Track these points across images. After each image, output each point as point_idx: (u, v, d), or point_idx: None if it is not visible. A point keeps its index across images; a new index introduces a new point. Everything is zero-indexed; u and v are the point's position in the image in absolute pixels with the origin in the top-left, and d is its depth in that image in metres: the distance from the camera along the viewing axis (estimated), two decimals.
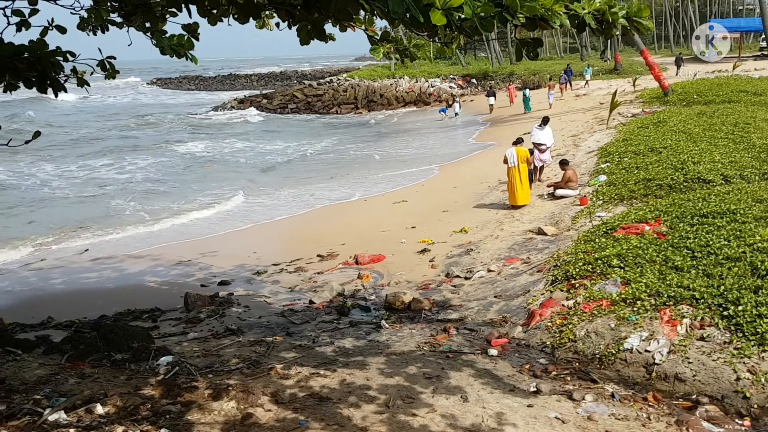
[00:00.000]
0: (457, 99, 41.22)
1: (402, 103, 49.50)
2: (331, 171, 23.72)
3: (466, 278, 9.85)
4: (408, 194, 17.01)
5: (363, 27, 6.01)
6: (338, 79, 59.38)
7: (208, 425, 4.80)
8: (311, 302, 9.52)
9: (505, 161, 14.05)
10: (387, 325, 7.88)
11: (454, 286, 9.58)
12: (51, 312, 9.27)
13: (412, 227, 13.52)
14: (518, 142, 14.72)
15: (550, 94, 34.32)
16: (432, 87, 51.39)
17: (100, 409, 4.93)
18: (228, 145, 32.77)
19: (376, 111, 48.15)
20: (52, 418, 4.75)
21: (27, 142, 4.99)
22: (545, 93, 35.73)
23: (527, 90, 38.28)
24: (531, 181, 14.59)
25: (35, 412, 4.91)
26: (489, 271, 9.96)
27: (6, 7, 5.35)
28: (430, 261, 11.20)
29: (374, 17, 5.76)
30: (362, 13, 5.33)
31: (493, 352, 6.68)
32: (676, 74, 38.50)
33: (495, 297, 8.68)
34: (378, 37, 6.10)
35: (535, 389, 5.70)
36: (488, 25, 4.13)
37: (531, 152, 14.97)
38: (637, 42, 31.18)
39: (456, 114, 38.33)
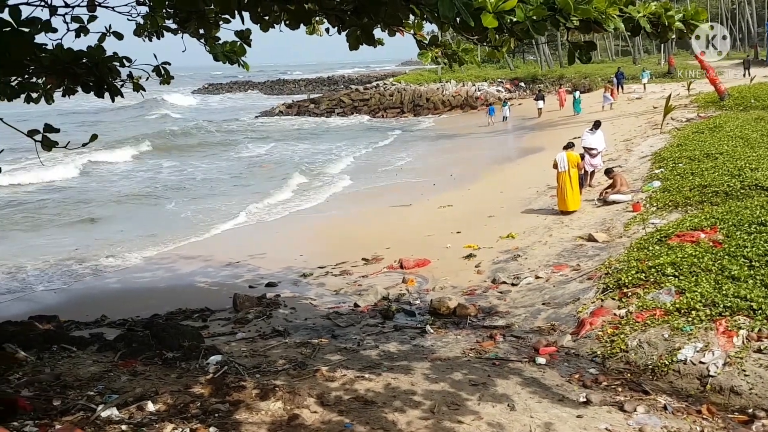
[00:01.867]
0: (507, 103, 40.77)
1: (448, 107, 49.29)
2: (376, 174, 23.81)
3: (512, 284, 9.72)
4: (453, 199, 16.90)
5: (412, 31, 6.01)
6: (384, 84, 59.57)
7: (255, 425, 4.86)
8: (356, 305, 9.56)
9: (555, 166, 13.83)
10: (432, 330, 7.85)
11: (501, 293, 9.46)
12: (105, 310, 9.56)
13: (458, 232, 13.42)
14: (569, 146, 14.46)
15: (606, 97, 33.53)
16: (479, 91, 51.02)
17: (151, 407, 5.06)
18: (278, 147, 33.37)
19: (422, 115, 48.09)
20: (104, 414, 4.88)
21: (84, 145, 5.15)
22: (596, 96, 35.02)
23: (578, 92, 37.71)
24: (581, 186, 14.31)
25: (88, 408, 5.06)
26: (537, 277, 9.80)
27: (66, 13, 5.53)
28: (475, 266, 11.09)
29: (423, 21, 5.75)
30: (411, 17, 5.33)
31: (541, 360, 6.57)
32: (744, 76, 37.22)
33: (543, 304, 8.54)
34: (426, 42, 6.10)
35: (584, 399, 5.59)
36: (540, 28, 4.07)
37: (582, 157, 14.68)
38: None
39: (505, 118, 37.93)
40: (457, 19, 3.75)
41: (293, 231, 15.57)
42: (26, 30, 4.75)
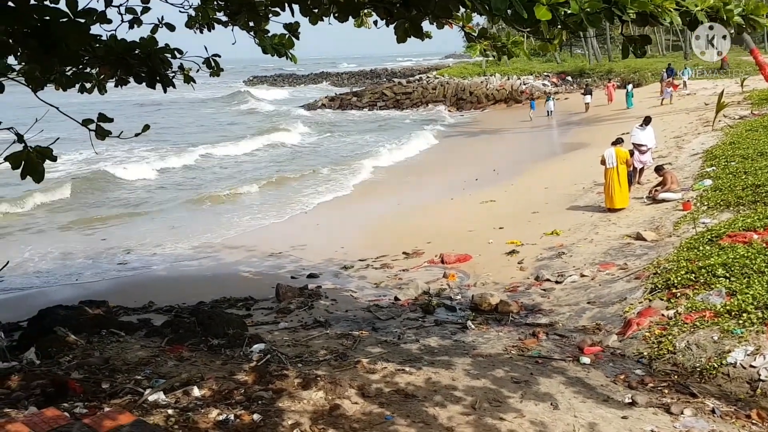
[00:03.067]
0: (551, 97, 40.06)
1: (492, 101, 48.74)
2: (417, 168, 23.75)
3: (557, 282, 9.57)
4: (496, 194, 16.72)
5: (460, 24, 5.94)
6: (427, 77, 59.31)
7: (297, 413, 4.91)
8: (396, 299, 9.56)
9: (603, 162, 13.54)
10: (473, 326, 7.80)
11: (544, 290, 9.34)
12: (152, 297, 9.80)
13: (500, 228, 13.28)
14: (618, 142, 14.13)
15: (667, 91, 32.64)
16: (524, 85, 50.31)
17: (196, 392, 5.16)
18: (319, 138, 33.67)
19: (464, 109, 47.70)
20: (152, 398, 5.00)
21: (137, 135, 5.26)
22: (645, 91, 34.18)
23: (630, 86, 36.95)
24: (630, 183, 13.97)
25: (136, 391, 5.19)
26: (582, 276, 9.63)
27: (120, 5, 5.65)
28: (518, 263, 10.97)
29: (473, 14, 5.67)
30: (461, 9, 5.27)
31: (586, 360, 6.47)
32: None
33: (588, 303, 8.39)
34: (475, 34, 6.02)
35: (630, 401, 5.49)
36: (595, 21, 3.98)
37: (631, 153, 14.33)
38: (746, 40, 29.24)
39: (549, 112, 37.32)
40: (509, 11, 3.69)
41: (334, 223, 15.66)
42: (82, 21, 4.88)
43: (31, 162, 3.75)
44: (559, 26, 4.64)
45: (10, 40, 4.21)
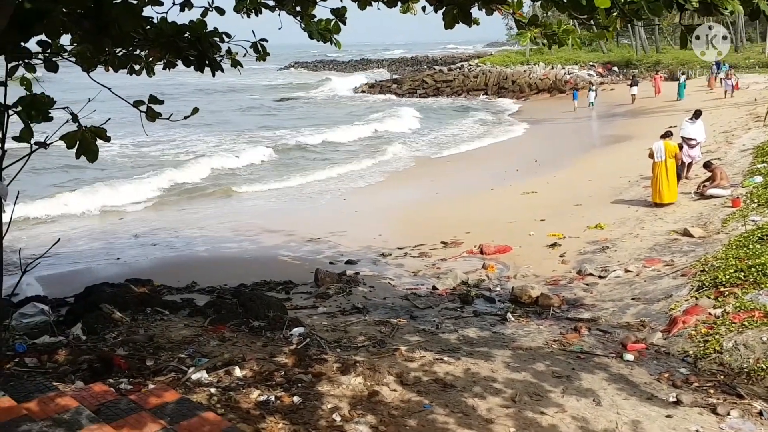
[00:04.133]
0: (593, 87, 39.21)
1: (535, 91, 48.02)
2: (456, 157, 23.59)
3: (600, 277, 9.40)
4: (538, 185, 16.49)
5: (510, 10, 5.83)
6: (469, 65, 58.69)
7: (336, 397, 4.94)
8: (434, 288, 9.52)
9: (651, 155, 13.21)
10: (513, 319, 7.71)
11: (587, 285, 9.18)
12: (194, 277, 9.97)
13: (542, 220, 13.09)
14: (667, 135, 13.75)
15: (727, 83, 31.66)
16: (569, 74, 49.35)
17: (238, 372, 5.23)
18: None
19: (506, 98, 47.09)
20: (195, 376, 5.08)
21: (186, 117, 5.31)
22: (694, 84, 33.26)
23: (684, 77, 36.01)
24: (678, 178, 13.59)
25: (180, 369, 5.28)
26: (626, 271, 9.43)
27: None
28: (560, 256, 10.80)
29: (523, 0, 5.54)
30: None
31: (629, 357, 6.34)
32: None
33: (632, 299, 8.22)
34: (525, 22, 5.90)
35: (674, 399, 5.37)
36: (657, 9, 3.86)
37: (680, 147, 13.94)
38: None
39: (591, 103, 36.59)
40: None
41: (372, 210, 15.67)
42: (135, 2, 4.94)
43: (86, 142, 3.83)
44: (616, 14, 4.51)
45: (67, 20, 4.30)
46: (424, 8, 5.59)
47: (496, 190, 16.70)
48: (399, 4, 5.74)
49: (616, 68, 53.68)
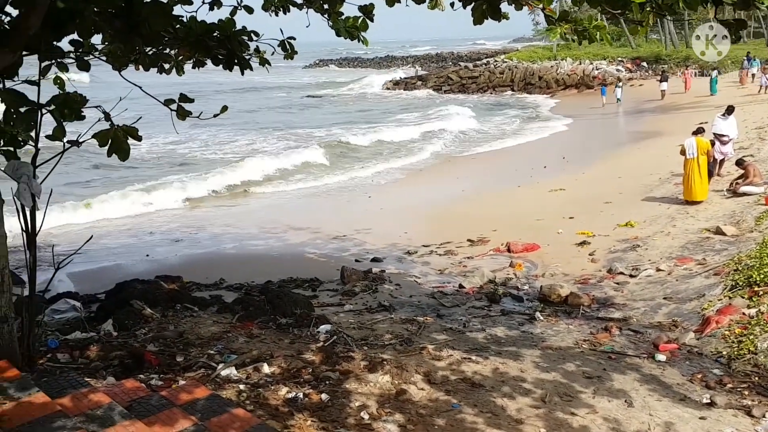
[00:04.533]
0: (619, 84, 38.62)
1: (562, 87, 47.50)
2: (481, 153, 23.44)
3: (631, 276, 9.24)
4: (566, 182, 16.29)
5: (540, 5, 5.75)
6: (495, 61, 58.28)
7: (364, 395, 4.93)
8: (461, 286, 9.46)
9: (683, 152, 12.95)
10: (541, 318, 7.62)
11: (617, 284, 9.03)
12: (222, 273, 10.05)
13: (570, 217, 12.92)
14: (699, 131, 13.47)
15: (765, 78, 30.93)
16: (597, 70, 48.69)
17: (266, 369, 5.25)
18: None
19: (534, 94, 46.65)
20: (224, 373, 5.12)
21: (215, 116, 5.35)
22: (727, 79, 32.59)
23: (716, 72, 35.34)
24: (710, 175, 13.31)
25: (209, 366, 5.32)
26: (658, 270, 9.26)
27: None
28: (589, 254, 10.65)
29: None
30: None
31: (661, 357, 6.23)
32: None
33: (664, 299, 8.07)
34: (556, 17, 5.80)
35: (708, 401, 5.27)
36: (694, 4, 3.78)
37: (712, 144, 13.65)
38: None
39: (618, 100, 36.08)
40: None
41: (397, 207, 15.63)
42: (165, 1, 4.98)
43: (117, 140, 3.87)
44: (649, 9, 4.41)
45: (98, 20, 4.34)
46: (452, 4, 5.54)
47: (523, 188, 16.54)
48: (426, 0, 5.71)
49: (645, 64, 52.82)
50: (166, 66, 5.86)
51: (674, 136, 19.29)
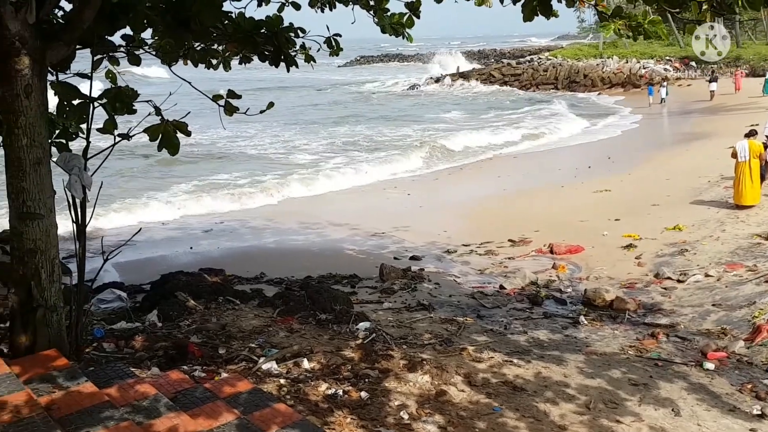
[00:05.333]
0: (665, 83, 37.61)
1: (608, 85, 46.52)
2: (522, 152, 23.10)
3: (678, 281, 8.97)
4: (611, 183, 15.93)
5: (593, 2, 5.61)
6: (539, 59, 57.42)
7: (403, 395, 4.89)
8: (502, 287, 9.34)
9: (734, 155, 12.56)
10: (586, 322, 7.46)
11: (665, 289, 8.78)
12: (263, 267, 10.13)
13: (616, 219, 12.63)
14: (751, 134, 13.01)
15: None
16: (644, 69, 47.52)
17: (306, 364, 5.26)
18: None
19: (577, 92, 45.82)
20: (265, 367, 5.15)
21: (261, 112, 5.37)
22: None
23: None
24: (762, 179, 12.85)
25: (250, 359, 5.36)
26: (707, 275, 8.99)
27: None
28: (636, 258, 10.38)
29: None
30: None
31: (710, 365, 6.02)
32: None
33: (713, 305, 7.82)
34: (609, 13, 5.65)
35: (759, 412, 5.09)
36: (756, 4, 3.64)
37: (765, 146, 13.17)
38: None
39: (663, 100, 35.16)
40: None
41: (437, 205, 15.52)
42: None
43: (168, 135, 3.91)
44: (706, 7, 4.25)
45: (151, 14, 4.40)
46: (502, 0, 5.45)
47: (566, 188, 16.24)
48: None
49: (693, 63, 51.24)
50: (214, 62, 5.92)
51: (724, 138, 18.70)
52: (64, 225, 4.57)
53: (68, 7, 4.37)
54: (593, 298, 8.15)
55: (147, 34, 5.11)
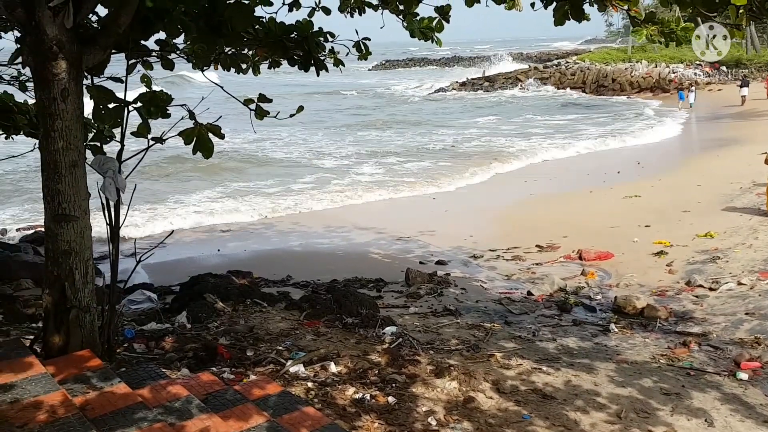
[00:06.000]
0: (693, 88, 36.99)
1: (636, 89, 45.99)
2: (549, 157, 22.90)
3: (711, 289, 8.79)
4: (641, 188, 15.70)
5: (626, 6, 5.54)
6: (566, 62, 56.97)
7: (431, 401, 4.86)
8: (529, 293, 9.25)
9: (767, 161, 12.28)
10: (616, 330, 7.34)
11: (697, 297, 8.61)
12: (289, 270, 10.19)
13: (646, 226, 12.43)
14: None
15: None
16: (673, 73, 46.85)
17: (333, 368, 5.26)
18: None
19: (605, 96, 45.32)
20: (292, 369, 5.16)
21: (291, 116, 5.40)
22: None
23: None
24: None
25: (278, 362, 5.38)
26: (739, 283, 8.79)
27: None
28: (667, 265, 10.19)
29: None
30: None
31: (743, 375, 5.88)
32: None
33: (746, 314, 7.64)
34: (641, 19, 5.58)
35: None
36: None
37: None
38: None
39: (691, 105, 34.60)
40: None
41: (462, 210, 15.44)
42: (247, 2, 5.07)
43: (202, 138, 3.95)
44: (743, 11, 4.16)
45: (185, 19, 4.46)
46: (532, 4, 5.41)
47: (595, 193, 16.06)
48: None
49: (724, 68, 50.34)
50: (243, 66, 5.98)
51: (756, 145, 18.37)
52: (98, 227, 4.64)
53: (104, 12, 4.44)
54: (624, 305, 8.02)
55: (178, 39, 5.17)
